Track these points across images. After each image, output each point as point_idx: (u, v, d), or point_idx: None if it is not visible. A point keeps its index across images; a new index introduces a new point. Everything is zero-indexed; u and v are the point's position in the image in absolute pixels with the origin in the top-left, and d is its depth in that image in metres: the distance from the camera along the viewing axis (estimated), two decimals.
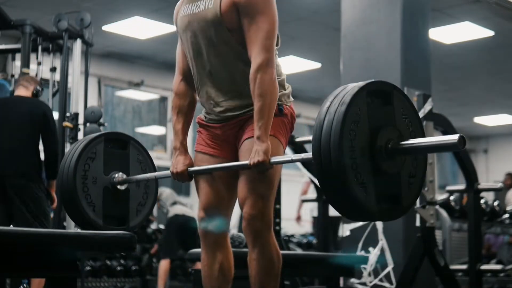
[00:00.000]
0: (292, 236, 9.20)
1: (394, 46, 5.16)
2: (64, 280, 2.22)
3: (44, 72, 5.40)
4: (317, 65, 10.12)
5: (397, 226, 4.81)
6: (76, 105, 5.40)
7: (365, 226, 4.83)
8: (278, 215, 4.41)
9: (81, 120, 5.27)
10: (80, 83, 5.58)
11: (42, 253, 2.17)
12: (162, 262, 6.99)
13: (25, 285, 3.98)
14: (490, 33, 8.58)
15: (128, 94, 10.78)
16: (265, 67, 2.49)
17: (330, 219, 5.31)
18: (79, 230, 3.46)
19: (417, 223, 4.21)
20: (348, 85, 2.17)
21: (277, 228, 4.36)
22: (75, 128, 5.21)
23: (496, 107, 12.68)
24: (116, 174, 2.89)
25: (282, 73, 2.65)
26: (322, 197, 5.02)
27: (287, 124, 2.62)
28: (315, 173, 2.73)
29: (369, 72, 5.24)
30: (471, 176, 4.64)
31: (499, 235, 7.82)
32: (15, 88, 4.52)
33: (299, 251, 7.34)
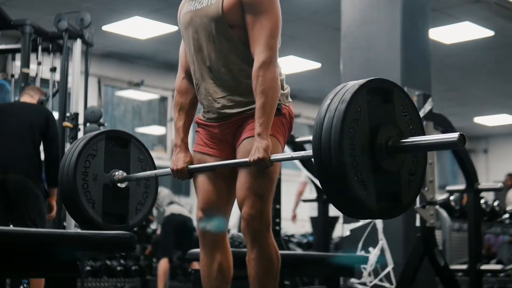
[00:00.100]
0: (292, 236, 9.20)
1: (394, 46, 5.16)
2: (64, 280, 2.22)
3: (44, 72, 5.41)
4: (317, 65, 10.11)
5: (397, 226, 4.81)
6: (76, 105, 5.40)
7: (365, 226, 4.83)
8: (278, 215, 4.41)
9: (81, 120, 5.27)
10: (80, 83, 5.58)
11: (42, 253, 2.17)
12: (161, 262, 6.99)
13: (25, 285, 3.98)
14: (490, 33, 8.58)
15: (128, 94, 10.78)
16: (268, 65, 2.49)
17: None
18: (79, 230, 3.46)
19: (417, 223, 4.21)
20: (348, 83, 2.17)
21: (277, 228, 4.36)
22: (75, 128, 5.20)
23: (496, 107, 12.68)
24: (117, 172, 2.88)
25: (281, 73, 2.65)
26: (322, 197, 5.02)
27: (286, 124, 2.62)
28: (315, 171, 2.72)
29: (369, 72, 5.23)
30: (471, 176, 4.64)
31: (499, 235, 7.81)
32: (20, 96, 4.64)
33: (299, 251, 7.34)
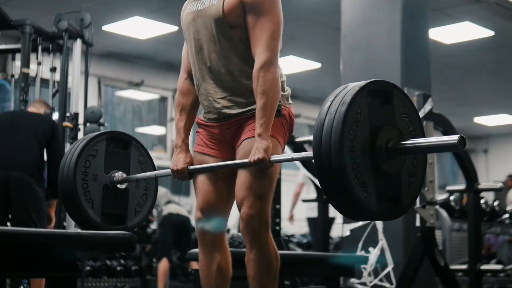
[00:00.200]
0: (292, 236, 9.20)
1: (394, 46, 5.16)
2: (64, 280, 2.22)
3: (44, 72, 5.40)
4: (317, 65, 10.11)
5: (397, 226, 4.81)
6: (76, 105, 5.39)
7: (365, 226, 4.83)
8: (278, 215, 4.41)
9: (81, 120, 5.26)
10: (80, 83, 5.57)
11: (42, 253, 2.17)
12: (161, 262, 6.98)
13: (25, 285, 3.98)
14: (490, 33, 8.57)
15: (128, 94, 10.77)
16: (269, 66, 2.50)
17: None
18: (79, 230, 3.46)
19: (417, 223, 4.21)
20: (348, 84, 2.17)
21: (277, 228, 4.36)
22: (75, 128, 5.20)
23: (496, 107, 12.67)
24: (116, 173, 2.89)
25: (282, 75, 2.65)
26: (322, 197, 5.02)
27: (285, 125, 2.62)
28: (315, 173, 2.72)
29: (369, 72, 5.24)
30: (471, 176, 4.64)
31: (499, 235, 7.81)
32: (27, 108, 4.79)
33: (299, 251, 7.34)
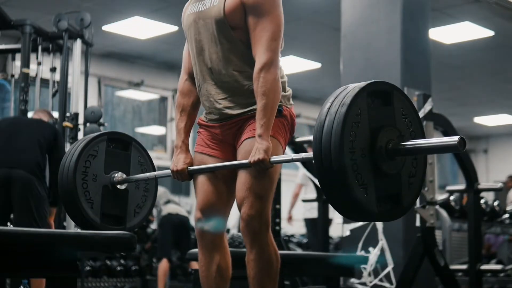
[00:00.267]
0: (292, 236, 9.20)
1: (394, 46, 5.17)
2: (64, 280, 2.23)
3: (44, 72, 5.40)
4: (317, 65, 10.11)
5: (397, 226, 4.81)
6: (76, 105, 5.39)
7: (365, 226, 4.83)
8: (278, 215, 4.41)
9: (81, 120, 5.27)
10: (80, 83, 5.57)
11: (42, 253, 2.17)
12: (161, 263, 6.98)
13: (25, 285, 3.98)
14: (490, 33, 8.58)
15: (128, 94, 10.78)
16: (269, 66, 2.50)
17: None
18: (79, 230, 3.46)
19: (417, 223, 4.21)
20: (348, 85, 2.17)
21: (277, 228, 4.36)
22: (75, 128, 5.20)
23: (496, 107, 12.67)
24: (116, 174, 2.89)
25: (283, 75, 2.65)
26: (322, 197, 5.02)
27: (286, 126, 2.62)
28: (315, 173, 2.72)
29: (369, 72, 5.24)
30: (471, 176, 4.64)
31: (499, 235, 7.82)
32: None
33: (299, 251, 7.34)
